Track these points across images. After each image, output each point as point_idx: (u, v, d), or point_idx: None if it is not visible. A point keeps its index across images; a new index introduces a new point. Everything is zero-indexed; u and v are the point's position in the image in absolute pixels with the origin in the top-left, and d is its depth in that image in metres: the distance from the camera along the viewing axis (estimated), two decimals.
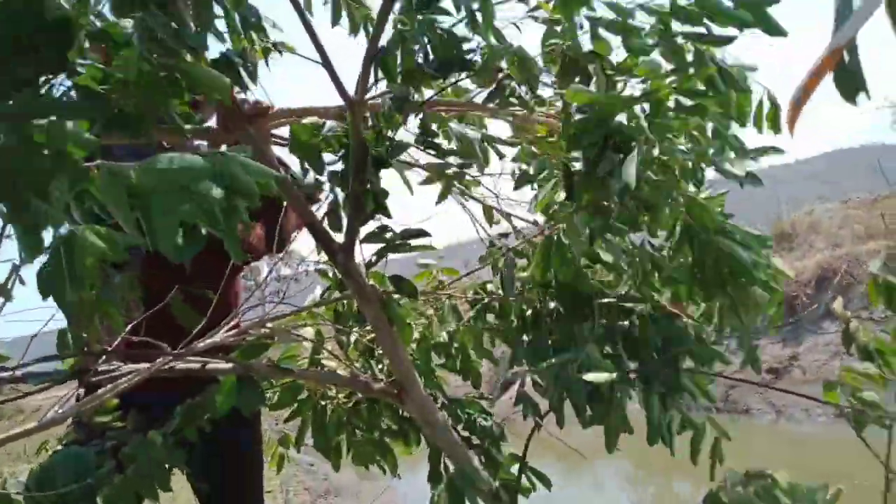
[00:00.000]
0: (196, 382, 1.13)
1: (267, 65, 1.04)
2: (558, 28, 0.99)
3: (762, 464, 1.14)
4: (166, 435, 1.00)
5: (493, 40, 0.96)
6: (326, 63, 0.94)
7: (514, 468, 1.33)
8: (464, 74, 1.10)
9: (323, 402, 1.41)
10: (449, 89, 1.26)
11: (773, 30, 0.85)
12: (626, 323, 1.18)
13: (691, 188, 1.03)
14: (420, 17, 0.93)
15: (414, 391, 1.20)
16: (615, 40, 1.00)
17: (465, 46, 0.98)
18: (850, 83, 0.39)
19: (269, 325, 1.24)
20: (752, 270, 0.92)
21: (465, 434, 1.36)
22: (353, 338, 1.45)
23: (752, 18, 0.85)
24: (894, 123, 10.21)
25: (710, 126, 1.01)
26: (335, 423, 1.36)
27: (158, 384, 1.07)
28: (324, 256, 1.23)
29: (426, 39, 0.94)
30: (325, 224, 1.11)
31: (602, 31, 0.97)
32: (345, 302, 1.45)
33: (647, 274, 1.11)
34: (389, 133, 1.02)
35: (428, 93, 1.12)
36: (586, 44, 1.00)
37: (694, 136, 1.01)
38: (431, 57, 1.00)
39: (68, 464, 0.87)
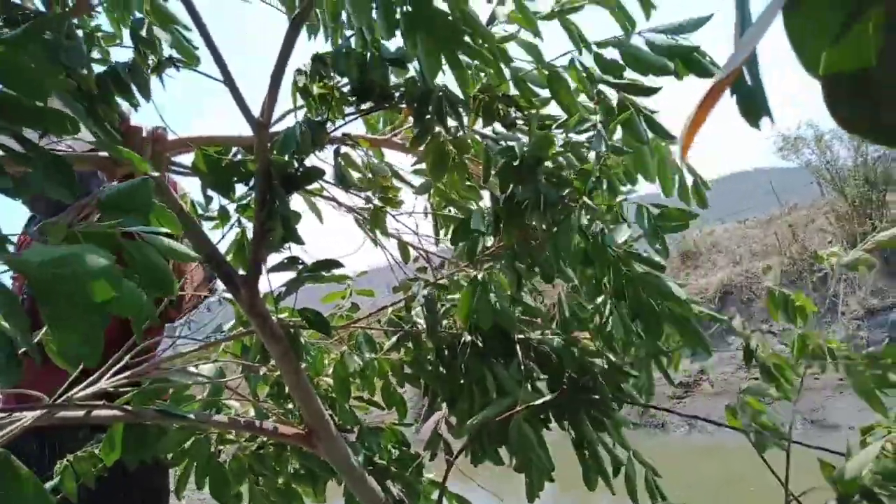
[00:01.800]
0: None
1: (161, 81, 0.95)
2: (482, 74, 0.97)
3: (678, 473, 1.14)
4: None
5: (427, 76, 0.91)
6: (229, 81, 0.86)
7: (434, 495, 1.27)
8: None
9: (221, 447, 1.30)
10: (361, 121, 1.20)
11: (705, 73, 0.83)
12: (549, 356, 1.16)
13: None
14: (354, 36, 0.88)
15: (325, 434, 1.12)
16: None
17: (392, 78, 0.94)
18: (752, 105, 0.35)
19: (164, 365, 1.13)
20: (689, 306, 0.91)
21: (383, 464, 1.29)
22: (261, 373, 1.35)
23: (679, 66, 0.84)
24: (779, 150, 10.94)
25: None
26: (236, 470, 1.25)
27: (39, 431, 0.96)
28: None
29: (352, 59, 0.88)
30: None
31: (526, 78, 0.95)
32: (252, 337, 1.35)
33: (568, 322, 1.11)
34: (299, 159, 0.95)
35: (340, 122, 1.07)
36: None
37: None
38: (347, 82, 0.94)
39: None
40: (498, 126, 0.97)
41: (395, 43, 0.96)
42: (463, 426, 1.21)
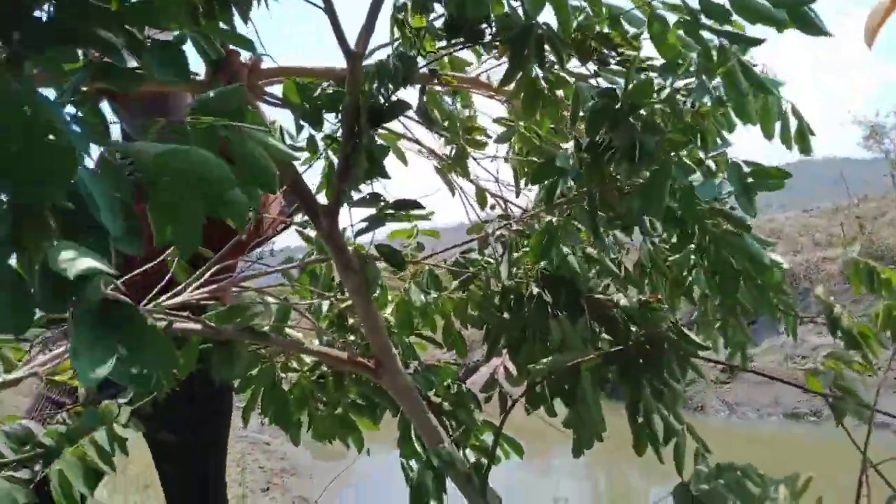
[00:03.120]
0: None
1: (266, 5, 0.96)
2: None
3: (718, 457, 1.13)
4: (121, 406, 0.93)
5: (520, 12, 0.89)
6: (329, 7, 0.86)
7: (486, 436, 1.29)
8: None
9: (284, 374, 1.35)
10: (445, 59, 1.19)
11: (813, 29, 0.79)
12: (613, 315, 1.15)
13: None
14: None
15: (391, 365, 1.14)
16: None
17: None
18: None
19: (241, 285, 1.17)
20: (772, 270, 0.89)
21: (437, 400, 1.32)
22: (325, 305, 1.39)
23: (789, 18, 0.79)
24: (866, 139, 10.33)
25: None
26: (298, 397, 1.29)
27: None
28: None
29: None
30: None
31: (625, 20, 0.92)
32: (322, 266, 1.38)
33: (642, 276, 1.09)
34: (389, 92, 0.96)
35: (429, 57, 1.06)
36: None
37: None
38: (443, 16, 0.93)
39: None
40: (591, 66, 0.95)
41: None
42: (523, 374, 1.22)
